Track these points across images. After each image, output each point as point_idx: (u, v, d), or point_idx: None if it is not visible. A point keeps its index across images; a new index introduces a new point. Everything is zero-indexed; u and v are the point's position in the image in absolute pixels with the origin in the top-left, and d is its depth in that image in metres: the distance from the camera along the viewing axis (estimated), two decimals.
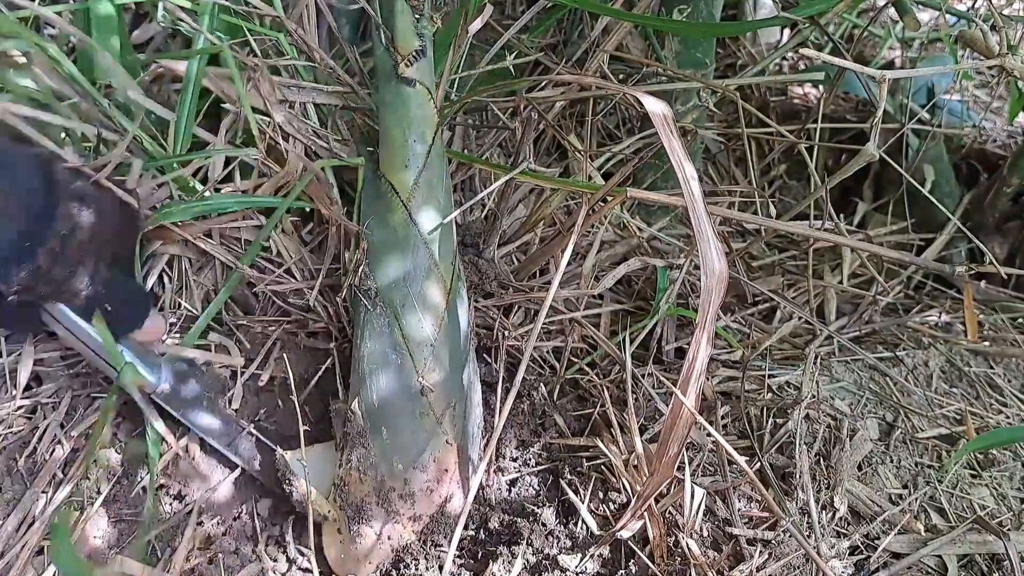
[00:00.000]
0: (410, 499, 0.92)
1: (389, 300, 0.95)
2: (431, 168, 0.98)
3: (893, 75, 0.86)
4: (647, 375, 1.12)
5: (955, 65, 1.63)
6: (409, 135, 0.98)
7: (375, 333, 0.95)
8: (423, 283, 0.96)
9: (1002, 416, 1.18)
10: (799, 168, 1.63)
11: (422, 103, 0.99)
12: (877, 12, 1.60)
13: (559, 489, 0.99)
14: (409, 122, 0.98)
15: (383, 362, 0.94)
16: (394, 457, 0.92)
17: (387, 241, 0.97)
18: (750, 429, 1.08)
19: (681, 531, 0.91)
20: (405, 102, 0.98)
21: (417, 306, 0.95)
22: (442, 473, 0.93)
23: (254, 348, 1.05)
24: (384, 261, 0.97)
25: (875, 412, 1.15)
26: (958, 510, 1.03)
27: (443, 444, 0.93)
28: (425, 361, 0.93)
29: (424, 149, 0.98)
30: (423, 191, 0.97)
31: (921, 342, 1.30)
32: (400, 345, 0.94)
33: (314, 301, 1.05)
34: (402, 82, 0.98)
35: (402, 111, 0.98)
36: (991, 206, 1.52)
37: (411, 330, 0.94)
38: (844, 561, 0.94)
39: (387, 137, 1.00)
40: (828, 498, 1.00)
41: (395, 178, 0.98)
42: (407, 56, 0.97)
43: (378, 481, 0.92)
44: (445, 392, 0.94)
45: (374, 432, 0.92)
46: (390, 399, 0.93)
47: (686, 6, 1.24)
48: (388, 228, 0.98)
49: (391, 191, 0.98)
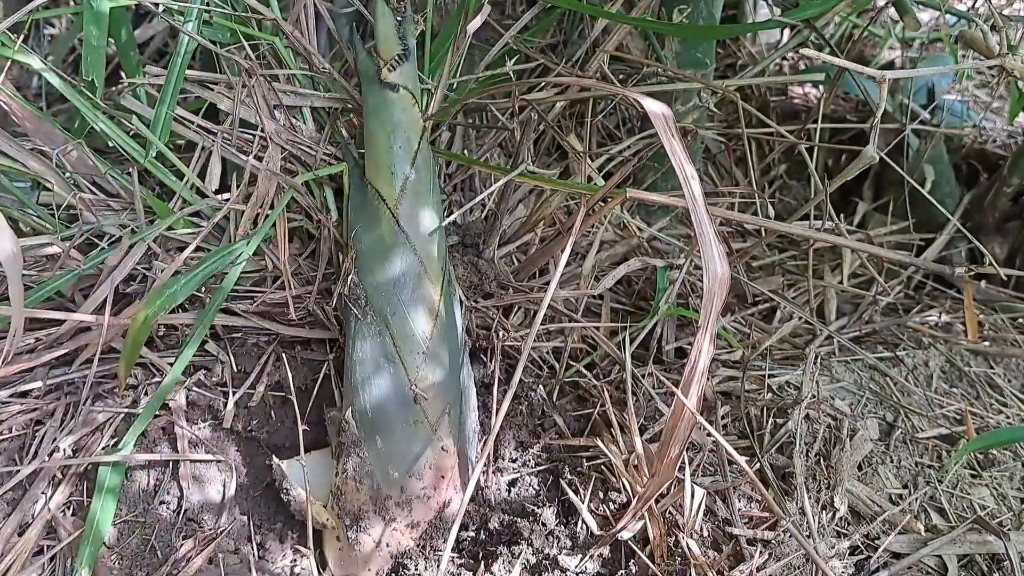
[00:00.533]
0: (407, 506, 0.92)
1: (379, 308, 0.94)
2: (418, 173, 0.98)
3: (893, 75, 0.86)
4: (647, 375, 1.12)
5: (955, 65, 1.63)
6: (394, 141, 0.97)
7: (366, 341, 0.94)
8: (413, 290, 0.95)
9: (1002, 416, 1.18)
10: (799, 168, 1.63)
11: (406, 108, 0.98)
12: (877, 12, 1.60)
13: (559, 489, 0.99)
14: (393, 127, 0.97)
15: (375, 370, 0.93)
16: (389, 465, 0.91)
17: (375, 249, 0.96)
18: (750, 429, 1.08)
19: (681, 531, 0.91)
20: (389, 107, 0.98)
21: (407, 313, 0.94)
22: (439, 480, 0.93)
23: (248, 361, 1.04)
24: (373, 269, 0.96)
25: (875, 412, 1.15)
26: (958, 510, 1.03)
27: (439, 450, 0.93)
28: (417, 368, 0.93)
29: (409, 155, 0.97)
30: (410, 198, 0.97)
31: (921, 342, 1.30)
32: (391, 353, 0.93)
33: (313, 306, 1.05)
34: (385, 87, 0.97)
35: (385, 116, 0.98)
36: (991, 206, 1.52)
37: (402, 337, 0.93)
38: (844, 561, 0.94)
39: (371, 143, 0.99)
40: (828, 498, 1.00)
41: (381, 185, 0.97)
42: (389, 61, 0.97)
43: (374, 490, 0.91)
44: (439, 398, 0.94)
45: (368, 440, 0.92)
46: (383, 407, 0.92)
47: (686, 6, 1.24)
48: (376, 236, 0.97)
49: (377, 198, 0.97)
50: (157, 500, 0.94)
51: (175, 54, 1.04)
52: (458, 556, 0.93)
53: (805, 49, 1.07)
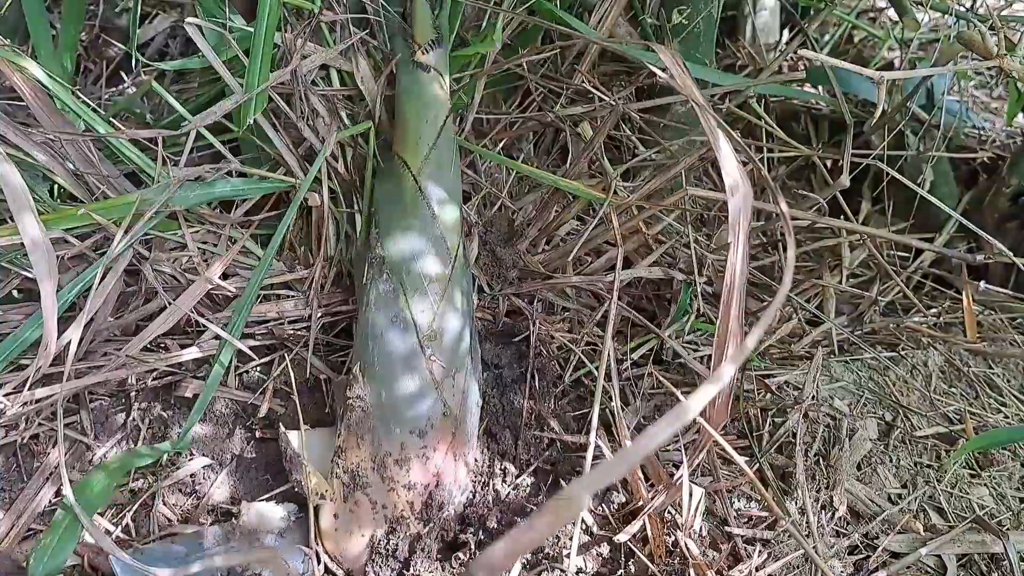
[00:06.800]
0: (405, 465, 0.92)
1: (396, 268, 0.98)
2: (440, 148, 1.05)
3: (892, 76, 0.87)
4: (647, 375, 1.12)
5: (954, 66, 1.63)
6: (422, 116, 1.05)
7: (380, 300, 0.97)
8: (430, 254, 0.99)
9: (1001, 416, 1.18)
10: (799, 171, 1.63)
11: (436, 88, 1.07)
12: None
13: (559, 489, 0.99)
14: (423, 105, 1.06)
15: (387, 327, 0.95)
16: (391, 420, 0.92)
17: (396, 212, 1.02)
18: (749, 429, 1.08)
19: (680, 531, 0.91)
20: (420, 86, 1.07)
21: (422, 275, 0.97)
22: (438, 441, 0.94)
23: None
24: (393, 231, 1.00)
25: (874, 412, 1.15)
26: (957, 510, 1.04)
27: (440, 412, 0.94)
28: (427, 329, 0.95)
29: (435, 130, 1.04)
30: (432, 167, 1.03)
31: (920, 342, 1.30)
32: (404, 311, 0.96)
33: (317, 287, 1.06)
34: (418, 67, 1.07)
35: (416, 94, 1.07)
36: (990, 206, 1.52)
37: (416, 298, 0.96)
38: (843, 561, 0.95)
39: (401, 118, 1.07)
40: (827, 498, 1.00)
41: (407, 155, 1.04)
42: (423, 45, 1.07)
43: (375, 445, 0.92)
44: (445, 361, 0.96)
45: (373, 395, 0.93)
46: (391, 363, 0.94)
47: (686, 6, 1.25)
48: (398, 200, 1.02)
49: (403, 166, 1.03)
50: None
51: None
52: (457, 555, 0.93)
53: (804, 50, 1.06)
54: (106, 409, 1.00)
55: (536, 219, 1.19)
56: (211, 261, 1.06)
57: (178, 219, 1.05)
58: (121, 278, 1.00)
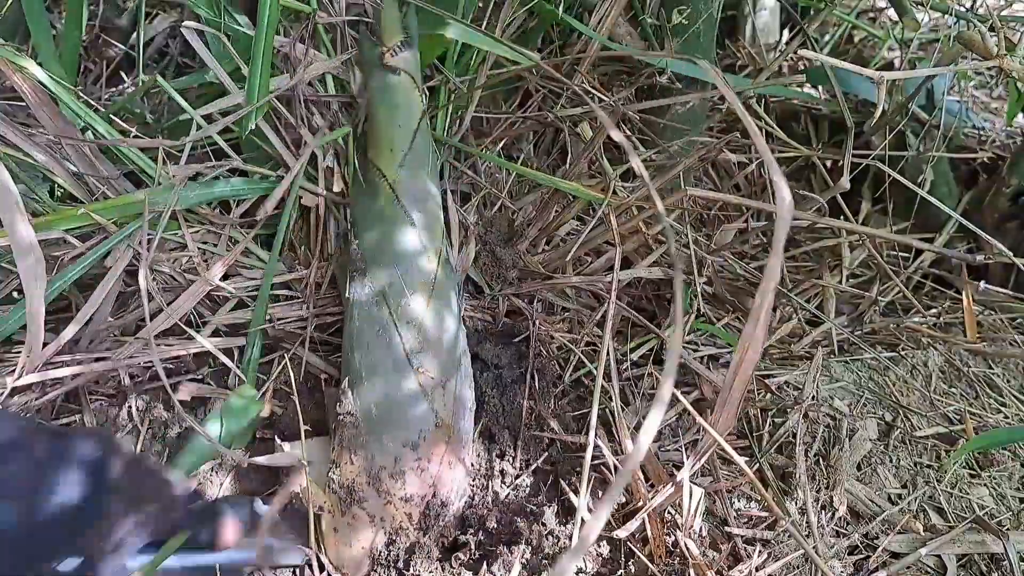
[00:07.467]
0: (401, 478, 0.92)
1: (377, 279, 0.97)
2: (416, 153, 1.03)
3: (891, 76, 0.87)
4: (647, 375, 1.12)
5: (954, 66, 1.63)
6: (393, 121, 1.03)
7: (364, 312, 0.96)
8: (411, 263, 0.97)
9: (1001, 416, 1.18)
10: (799, 171, 1.63)
11: (407, 91, 1.04)
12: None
13: (559, 489, 0.99)
14: (393, 108, 1.03)
15: (372, 341, 0.94)
16: (384, 435, 0.92)
17: (375, 221, 1.00)
18: (749, 429, 1.08)
19: (680, 531, 0.91)
20: (390, 90, 1.04)
21: (405, 285, 0.96)
22: (432, 452, 0.93)
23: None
24: (371, 240, 0.99)
25: (874, 412, 1.15)
26: (957, 510, 1.04)
27: (433, 423, 0.93)
28: (414, 339, 0.94)
29: (408, 135, 1.02)
30: (407, 171, 1.01)
31: (920, 342, 1.30)
32: (388, 323, 0.94)
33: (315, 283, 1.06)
34: (386, 71, 1.04)
35: (387, 98, 1.04)
36: (990, 206, 1.52)
37: (399, 308, 0.95)
38: (843, 561, 0.95)
39: (374, 123, 1.05)
40: (827, 498, 1.00)
41: (381, 162, 1.02)
42: (391, 47, 1.04)
43: (368, 460, 0.91)
44: (435, 370, 0.95)
45: (363, 409, 0.92)
46: (379, 377, 0.93)
47: (685, 6, 1.25)
48: (375, 209, 1.00)
49: (378, 175, 1.01)
50: None
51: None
52: (457, 555, 0.93)
53: (804, 51, 1.07)
54: (106, 409, 1.00)
55: (536, 219, 1.20)
56: (211, 261, 1.06)
57: (178, 219, 1.05)
58: (121, 278, 1.00)
